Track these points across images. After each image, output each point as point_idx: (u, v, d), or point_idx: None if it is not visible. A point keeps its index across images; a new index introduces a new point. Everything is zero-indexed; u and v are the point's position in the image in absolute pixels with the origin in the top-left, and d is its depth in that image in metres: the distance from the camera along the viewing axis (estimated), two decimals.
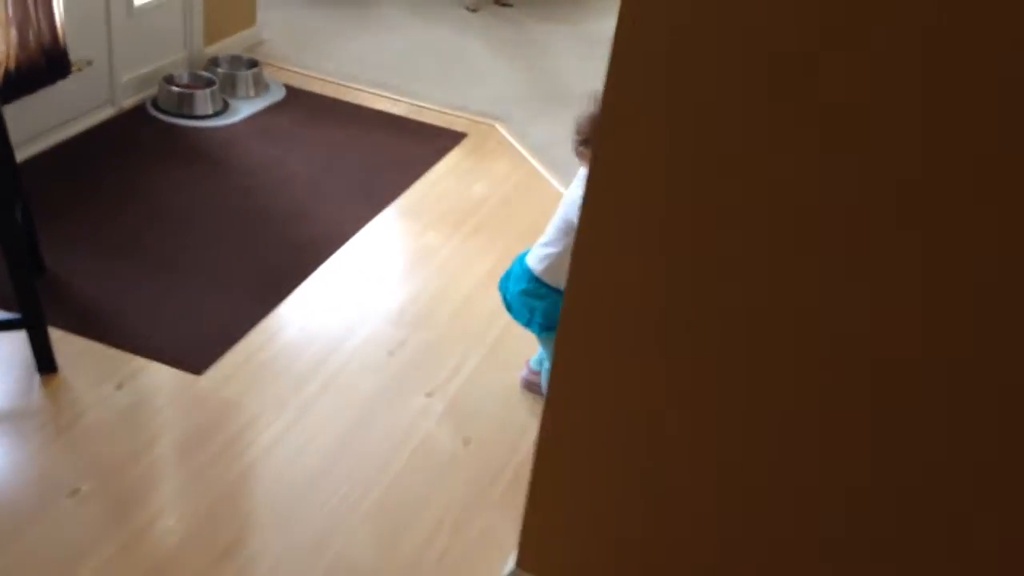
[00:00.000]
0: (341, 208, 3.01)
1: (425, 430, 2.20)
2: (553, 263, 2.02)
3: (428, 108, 3.74)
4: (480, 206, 3.13)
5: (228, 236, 2.79)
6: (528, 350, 2.49)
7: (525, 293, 2.05)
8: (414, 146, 3.44)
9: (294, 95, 3.69)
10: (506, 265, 2.82)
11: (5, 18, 2.71)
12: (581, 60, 4.45)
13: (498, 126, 3.67)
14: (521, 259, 2.13)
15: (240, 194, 3.01)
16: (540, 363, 2.29)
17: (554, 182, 3.32)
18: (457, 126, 3.63)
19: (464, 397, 2.32)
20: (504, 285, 2.15)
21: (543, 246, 2.06)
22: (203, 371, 2.29)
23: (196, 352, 2.34)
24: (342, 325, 2.51)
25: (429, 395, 2.31)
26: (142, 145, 3.21)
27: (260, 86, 3.64)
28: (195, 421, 2.15)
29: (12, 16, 2.73)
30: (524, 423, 2.26)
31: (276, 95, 3.65)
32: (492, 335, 2.54)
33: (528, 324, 2.09)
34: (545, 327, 2.06)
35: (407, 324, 2.54)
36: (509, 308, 2.14)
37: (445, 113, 3.72)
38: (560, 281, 1.96)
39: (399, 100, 3.77)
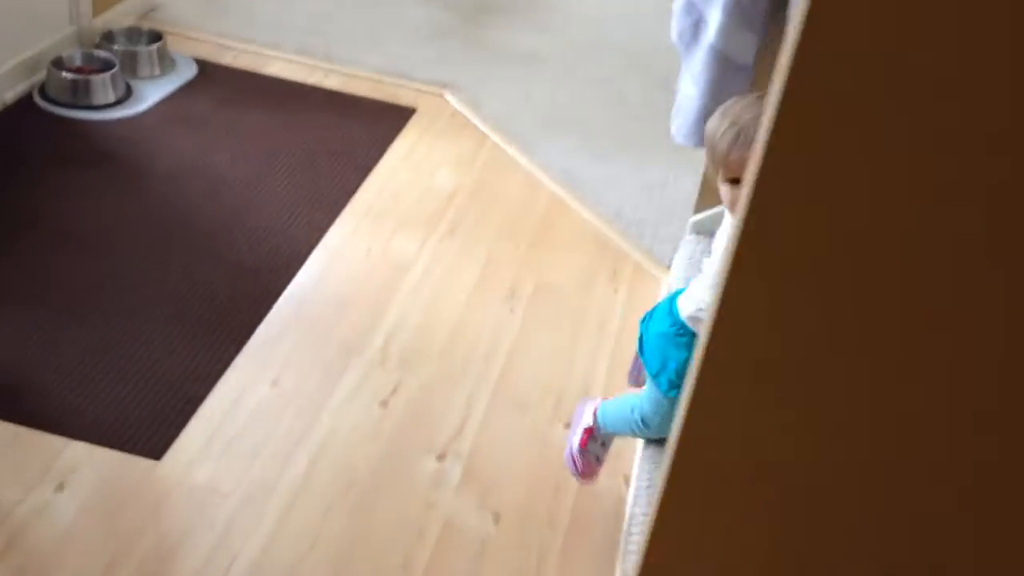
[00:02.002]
0: (290, 216, 2.56)
1: (445, 509, 1.84)
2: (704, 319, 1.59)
3: (364, 78, 3.27)
4: (449, 200, 2.73)
5: (158, 263, 2.32)
6: (540, 382, 2.14)
7: (664, 336, 1.65)
8: (359, 128, 2.99)
9: (207, 71, 3.16)
10: (495, 275, 2.46)
11: None
12: (522, 12, 4.01)
13: (447, 95, 3.24)
14: (673, 297, 1.68)
15: (165, 205, 2.53)
16: (602, 425, 1.83)
17: (523, 161, 2.94)
18: (402, 99, 3.19)
19: (480, 455, 1.96)
20: (645, 323, 1.73)
21: (696, 298, 1.60)
22: (162, 454, 1.86)
23: (149, 428, 1.90)
24: (320, 374, 2.11)
25: (440, 458, 1.95)
26: (34, 147, 2.67)
27: (166, 62, 3.10)
28: (168, 523, 1.74)
29: None
30: (556, 481, 1.93)
31: (186, 73, 3.11)
32: (496, 366, 2.18)
33: (656, 376, 1.66)
34: (676, 385, 1.62)
35: (395, 365, 2.16)
36: (641, 350, 1.73)
37: (385, 83, 3.26)
38: None
39: (330, 70, 3.28)
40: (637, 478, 1.68)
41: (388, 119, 3.05)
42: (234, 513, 1.78)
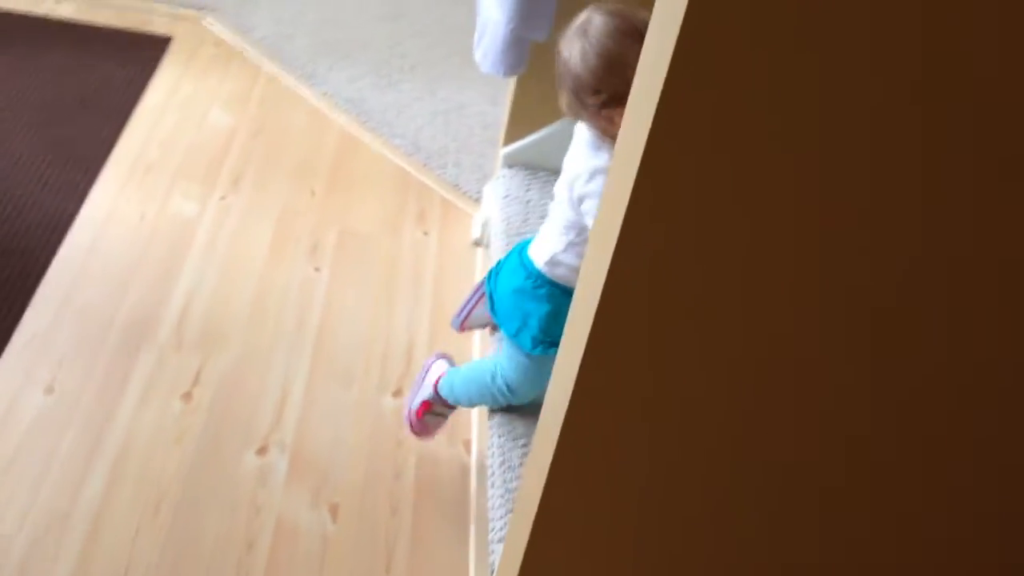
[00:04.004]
0: (40, 182, 2.18)
1: (275, 510, 1.65)
2: (562, 264, 1.45)
3: (105, 3, 2.83)
4: (228, 144, 2.42)
5: None
6: (360, 347, 1.95)
7: (520, 292, 1.48)
8: (108, 66, 2.59)
9: None
10: (293, 229, 2.22)
11: None
12: None
13: (208, 20, 2.87)
14: (522, 248, 1.52)
15: None
16: (450, 389, 1.65)
17: (304, 92, 2.66)
18: (155, 27, 2.79)
19: (306, 443, 1.77)
20: (493, 280, 1.56)
21: (545, 240, 1.48)
22: None
23: None
24: (104, 371, 1.82)
25: (261, 451, 1.74)
26: None
27: None
28: None
29: None
30: (394, 461, 1.77)
31: None
32: (309, 335, 1.97)
33: (516, 335, 1.50)
34: (541, 341, 1.48)
35: (193, 348, 1.90)
36: (494, 311, 1.55)
37: (130, 9, 2.84)
38: (573, 280, 1.43)
39: None
40: (491, 455, 1.55)
41: (140, 52, 2.66)
42: (25, 555, 1.51)
